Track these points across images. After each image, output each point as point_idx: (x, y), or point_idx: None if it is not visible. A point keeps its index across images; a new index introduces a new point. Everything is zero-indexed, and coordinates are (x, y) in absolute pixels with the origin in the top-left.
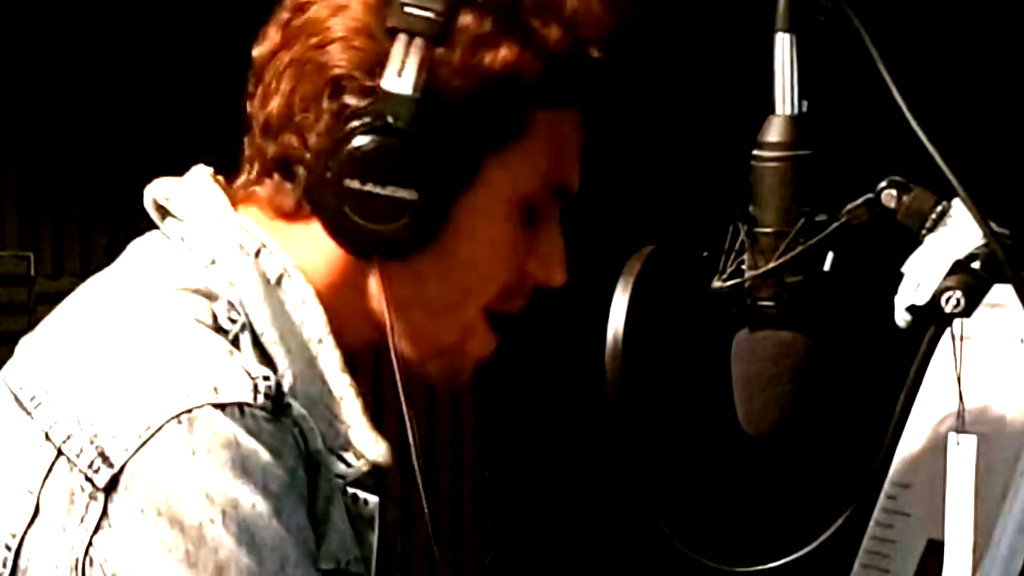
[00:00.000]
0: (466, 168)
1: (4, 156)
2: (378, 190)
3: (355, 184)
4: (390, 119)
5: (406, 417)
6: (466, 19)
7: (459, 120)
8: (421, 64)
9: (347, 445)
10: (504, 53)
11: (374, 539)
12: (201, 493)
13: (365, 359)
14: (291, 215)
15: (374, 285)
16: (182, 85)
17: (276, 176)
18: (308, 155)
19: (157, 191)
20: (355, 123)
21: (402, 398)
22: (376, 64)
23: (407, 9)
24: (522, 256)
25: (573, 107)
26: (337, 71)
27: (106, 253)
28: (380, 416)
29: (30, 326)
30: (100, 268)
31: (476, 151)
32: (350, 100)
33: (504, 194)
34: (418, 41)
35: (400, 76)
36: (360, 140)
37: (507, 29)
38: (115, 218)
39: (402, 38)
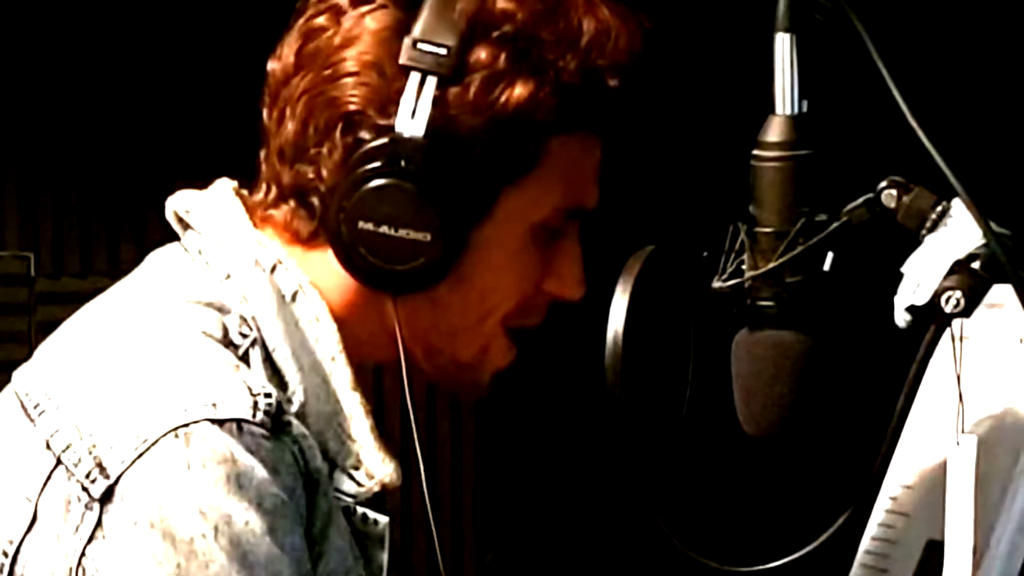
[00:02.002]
0: (481, 202)
1: (4, 156)
2: (392, 232)
3: (369, 226)
4: (402, 163)
5: (415, 438)
6: (480, 54)
7: (473, 157)
8: (434, 104)
9: (358, 464)
10: (519, 91)
11: (384, 558)
12: (194, 508)
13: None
14: (308, 241)
15: (390, 311)
16: (183, 86)
17: (292, 203)
18: (323, 187)
19: (178, 203)
20: (368, 166)
21: (412, 421)
22: (388, 102)
23: (420, 45)
24: (539, 275)
25: (589, 130)
26: (350, 107)
27: (106, 253)
28: (380, 422)
29: (30, 326)
30: (100, 268)
31: (491, 186)
32: (363, 136)
33: (520, 222)
34: (430, 80)
35: (412, 118)
36: (372, 184)
37: (522, 64)
38: (115, 218)
39: (414, 77)
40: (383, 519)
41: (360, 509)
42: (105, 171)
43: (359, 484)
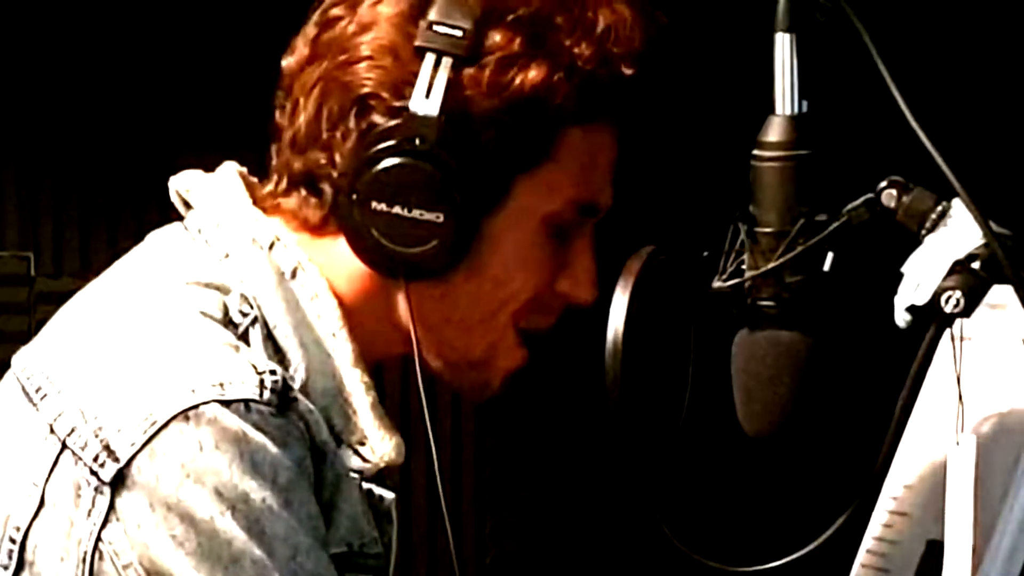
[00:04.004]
0: (495, 189)
1: (4, 156)
2: (404, 213)
3: (381, 207)
4: (417, 141)
5: (429, 435)
6: (495, 38)
7: (487, 140)
8: (449, 85)
9: (364, 440)
10: (534, 74)
11: (393, 532)
12: (210, 488)
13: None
14: (317, 229)
15: (402, 301)
16: (183, 85)
17: (303, 191)
18: (335, 173)
19: (180, 182)
20: (381, 145)
21: (426, 417)
22: (403, 84)
23: (436, 28)
24: (552, 273)
25: (605, 122)
26: (364, 90)
27: (106, 253)
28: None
29: (30, 326)
30: (100, 268)
31: (505, 172)
32: (377, 120)
33: (534, 214)
34: (446, 61)
35: (427, 97)
36: (386, 162)
37: (537, 48)
38: (116, 218)
39: (430, 58)
40: (389, 495)
41: (366, 485)
42: (105, 171)
43: (364, 460)
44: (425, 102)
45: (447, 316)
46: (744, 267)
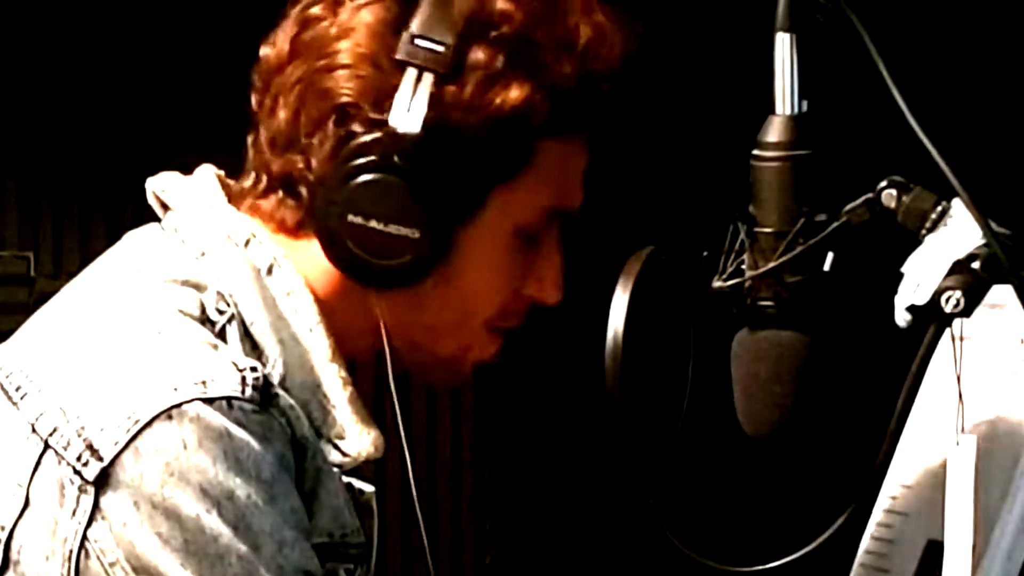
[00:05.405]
0: (470, 202)
1: (4, 155)
2: (380, 227)
3: (358, 220)
4: (396, 158)
5: (400, 431)
6: (477, 54)
7: (465, 156)
8: (430, 101)
9: (342, 434)
10: (515, 93)
11: (375, 525)
12: (196, 486)
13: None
14: (294, 231)
15: (374, 305)
16: (182, 84)
17: (280, 192)
18: (312, 178)
19: (156, 183)
20: (360, 159)
21: (397, 412)
22: (382, 96)
23: (417, 41)
24: (520, 278)
25: (580, 133)
26: (343, 99)
27: None
28: (381, 417)
29: None
30: None
31: (481, 185)
32: (356, 129)
33: (507, 224)
34: (427, 77)
35: (408, 112)
36: (364, 177)
37: (519, 66)
38: (115, 218)
39: (411, 72)
40: (369, 488)
41: (347, 478)
42: (105, 171)
43: (344, 454)
44: (405, 118)
45: (416, 321)
46: (744, 267)
